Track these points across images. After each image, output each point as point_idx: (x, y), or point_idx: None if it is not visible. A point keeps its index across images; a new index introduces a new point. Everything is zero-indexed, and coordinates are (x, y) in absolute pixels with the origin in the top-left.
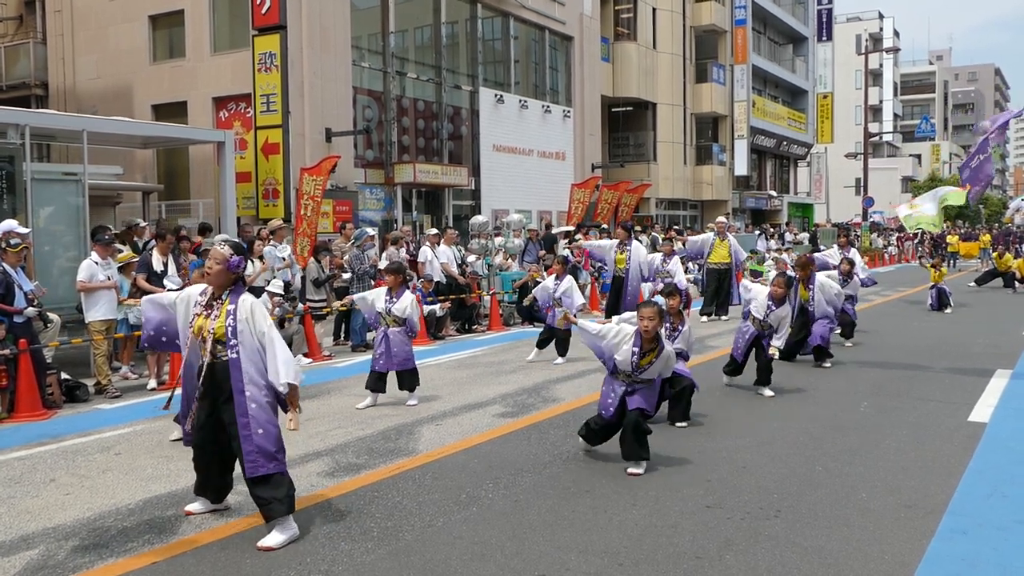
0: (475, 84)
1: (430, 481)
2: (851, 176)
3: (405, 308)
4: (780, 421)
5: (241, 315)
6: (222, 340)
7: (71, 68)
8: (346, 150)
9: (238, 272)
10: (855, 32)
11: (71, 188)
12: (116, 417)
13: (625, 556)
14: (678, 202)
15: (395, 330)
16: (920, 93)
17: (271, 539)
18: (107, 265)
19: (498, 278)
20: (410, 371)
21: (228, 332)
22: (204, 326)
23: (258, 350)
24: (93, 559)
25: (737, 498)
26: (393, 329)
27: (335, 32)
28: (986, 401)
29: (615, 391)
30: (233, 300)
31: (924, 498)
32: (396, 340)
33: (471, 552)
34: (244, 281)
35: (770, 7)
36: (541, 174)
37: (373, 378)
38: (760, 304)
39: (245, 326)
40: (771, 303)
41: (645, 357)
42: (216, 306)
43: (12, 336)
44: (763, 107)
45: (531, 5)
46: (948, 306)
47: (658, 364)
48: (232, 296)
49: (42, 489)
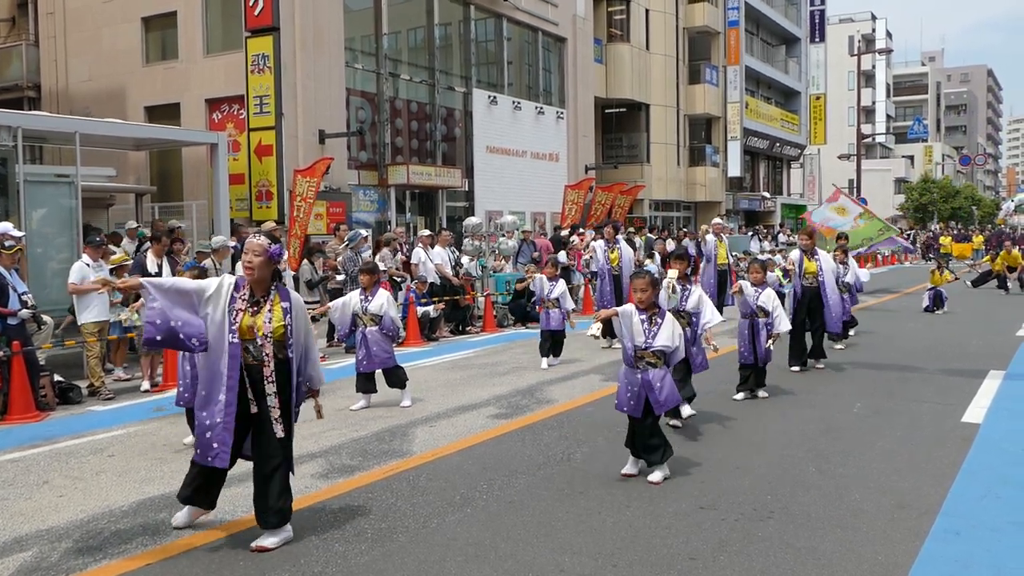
0: (468, 85)
1: (424, 483)
2: (844, 177)
3: (381, 305)
4: (774, 422)
5: (296, 314)
6: (281, 341)
7: (64, 70)
8: (339, 152)
9: (279, 261)
10: (848, 33)
11: (64, 190)
12: (109, 419)
13: (619, 557)
14: (671, 203)
15: (372, 329)
16: (913, 94)
17: (266, 540)
18: (99, 267)
19: (492, 279)
20: (393, 368)
21: (288, 332)
22: (256, 325)
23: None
24: (87, 561)
25: (731, 499)
26: (371, 329)
27: (328, 34)
28: (979, 402)
29: (632, 384)
30: (285, 298)
31: (917, 499)
32: (374, 339)
33: (465, 553)
34: (282, 277)
35: (763, 8)
36: (535, 175)
37: (361, 380)
38: (749, 294)
39: (299, 325)
40: (757, 289)
41: (652, 320)
42: (264, 303)
43: (5, 338)
44: (756, 108)
45: (524, 6)
46: (943, 307)
47: (665, 329)
48: (281, 293)
49: (35, 491)
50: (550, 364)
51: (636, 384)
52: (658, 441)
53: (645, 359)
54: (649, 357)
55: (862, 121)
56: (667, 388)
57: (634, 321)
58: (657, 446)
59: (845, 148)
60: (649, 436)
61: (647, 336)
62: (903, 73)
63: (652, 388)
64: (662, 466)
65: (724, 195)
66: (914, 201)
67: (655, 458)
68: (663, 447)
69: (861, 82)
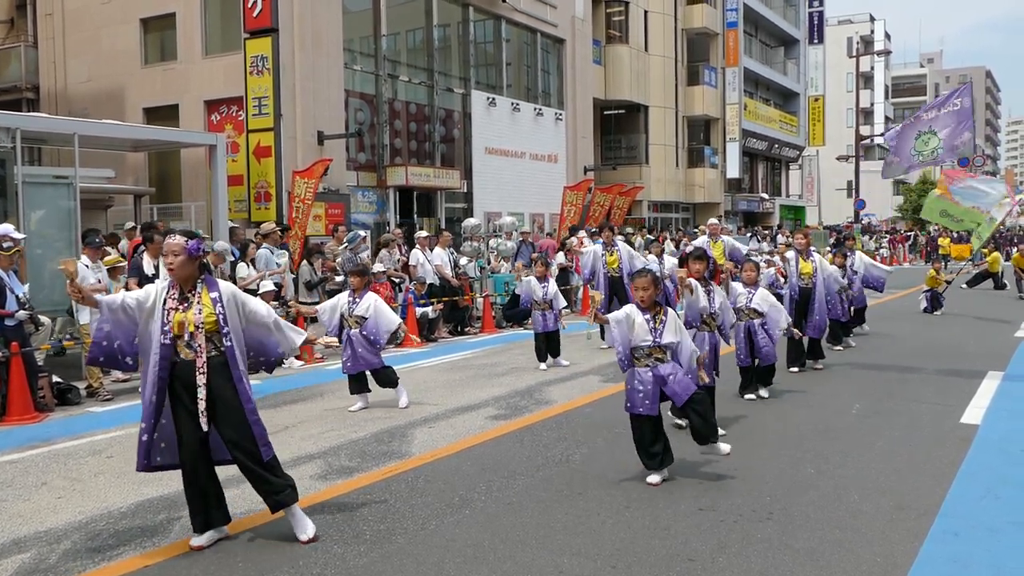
0: (467, 87)
1: (423, 484)
2: (843, 179)
3: (367, 308)
4: (772, 423)
5: (226, 301)
6: (215, 331)
7: (62, 71)
8: (338, 153)
9: (200, 256)
10: (846, 35)
11: (63, 191)
12: (108, 420)
13: (618, 559)
14: (670, 204)
15: (357, 331)
16: (911, 96)
17: (309, 527)
18: (97, 268)
19: (491, 280)
20: (381, 369)
21: (220, 321)
22: (188, 320)
23: (242, 334)
24: (85, 563)
25: (730, 500)
26: (355, 331)
27: (327, 35)
28: (978, 403)
29: (643, 383)
30: (213, 288)
31: (916, 500)
32: (359, 341)
33: (464, 555)
34: (210, 269)
35: (761, 10)
36: (533, 177)
37: (352, 382)
38: (742, 295)
39: (232, 311)
40: (749, 290)
41: (656, 319)
42: (192, 299)
43: (3, 339)
44: (755, 110)
45: (523, 8)
46: (941, 308)
47: (670, 323)
48: (209, 284)
49: (34, 492)
50: (549, 365)
51: (648, 382)
52: (659, 448)
53: (654, 355)
54: (658, 353)
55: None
56: (680, 378)
57: (637, 322)
58: (656, 454)
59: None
60: (652, 443)
61: (654, 335)
62: (902, 74)
63: (665, 382)
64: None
65: (723, 196)
66: (913, 203)
67: (653, 464)
68: (663, 454)
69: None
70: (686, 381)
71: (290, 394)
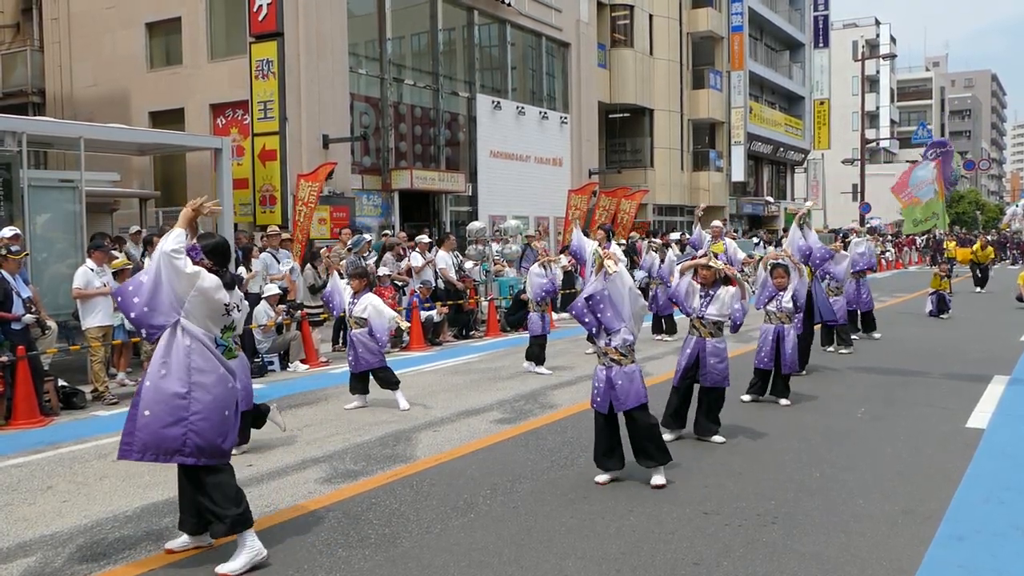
0: (472, 90)
1: (428, 488)
2: (848, 182)
3: (364, 309)
4: (777, 427)
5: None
6: None
7: (68, 75)
8: (343, 156)
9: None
10: (852, 38)
11: (68, 195)
12: (113, 424)
13: (623, 563)
14: (675, 208)
15: (357, 332)
16: (917, 99)
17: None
18: (103, 272)
19: (495, 284)
20: (380, 370)
21: None
22: None
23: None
24: (91, 566)
25: (735, 505)
26: (356, 332)
27: (332, 39)
28: (983, 407)
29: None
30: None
31: (921, 504)
32: (360, 342)
33: (469, 559)
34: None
35: (767, 13)
36: (538, 180)
37: (353, 381)
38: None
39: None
40: (779, 294)
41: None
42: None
43: (9, 343)
44: (760, 113)
45: (528, 12)
46: (947, 312)
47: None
48: None
49: (39, 496)
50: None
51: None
52: (654, 447)
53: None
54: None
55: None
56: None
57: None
58: (651, 454)
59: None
60: (646, 439)
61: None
62: (907, 78)
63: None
64: (660, 470)
65: (728, 200)
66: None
67: (650, 463)
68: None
69: (865, 87)
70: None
71: (295, 398)
